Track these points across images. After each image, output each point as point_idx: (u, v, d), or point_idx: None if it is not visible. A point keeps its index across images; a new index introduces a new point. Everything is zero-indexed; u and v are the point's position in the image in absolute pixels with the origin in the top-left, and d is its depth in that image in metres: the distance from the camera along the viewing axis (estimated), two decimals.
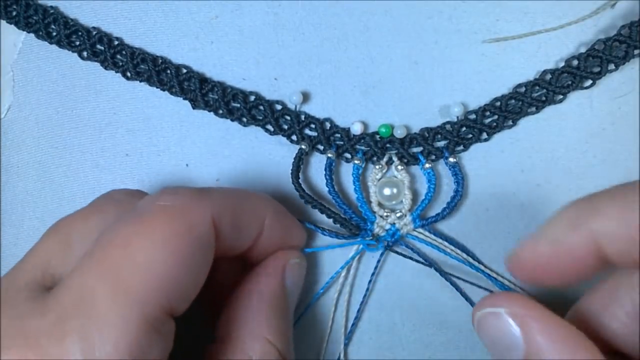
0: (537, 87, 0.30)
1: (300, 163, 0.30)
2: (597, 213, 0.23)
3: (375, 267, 0.31)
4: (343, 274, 0.31)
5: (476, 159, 0.30)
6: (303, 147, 0.30)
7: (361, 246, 0.30)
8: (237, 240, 0.26)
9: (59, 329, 0.20)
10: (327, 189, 0.30)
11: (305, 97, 0.31)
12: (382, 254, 0.31)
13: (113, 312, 0.21)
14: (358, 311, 0.31)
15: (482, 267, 0.30)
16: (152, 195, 0.24)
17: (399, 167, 0.30)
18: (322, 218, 0.31)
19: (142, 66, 0.31)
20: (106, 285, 0.21)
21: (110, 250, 0.22)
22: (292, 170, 0.30)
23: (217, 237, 0.24)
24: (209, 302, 0.27)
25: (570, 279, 0.24)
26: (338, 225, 0.30)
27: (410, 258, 0.30)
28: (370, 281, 0.31)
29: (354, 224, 0.30)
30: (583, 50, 0.29)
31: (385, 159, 0.31)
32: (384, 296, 0.31)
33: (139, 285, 0.21)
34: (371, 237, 0.30)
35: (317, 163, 0.31)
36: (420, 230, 0.30)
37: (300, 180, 0.30)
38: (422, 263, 0.30)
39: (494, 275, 0.30)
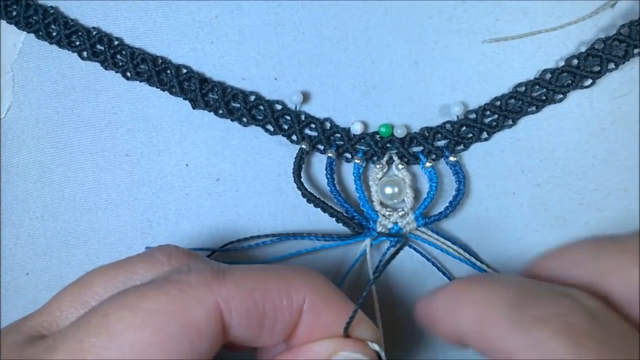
0: (537, 87, 0.30)
1: (301, 162, 0.30)
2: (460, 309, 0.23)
3: (377, 266, 0.31)
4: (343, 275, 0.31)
5: (476, 158, 0.30)
6: (303, 146, 0.30)
7: (367, 242, 0.30)
8: (259, 332, 0.23)
9: None
10: (328, 188, 0.30)
11: (305, 97, 0.31)
12: (384, 253, 0.31)
13: None
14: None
15: (485, 267, 0.30)
16: (176, 268, 0.24)
17: (400, 166, 0.30)
18: (320, 218, 0.31)
19: (142, 66, 0.31)
20: (69, 345, 0.21)
21: (93, 315, 0.22)
22: (293, 169, 0.30)
23: (225, 327, 0.22)
24: None
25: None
26: (340, 227, 0.30)
27: (421, 253, 0.30)
28: (374, 275, 0.31)
29: (357, 222, 0.30)
30: (583, 49, 0.29)
31: (385, 159, 0.31)
32: (384, 295, 0.31)
33: (105, 353, 0.21)
34: (376, 236, 0.30)
35: (318, 163, 0.31)
36: (423, 229, 0.30)
37: (301, 180, 0.30)
38: (430, 260, 0.30)
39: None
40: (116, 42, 0.31)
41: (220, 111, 0.31)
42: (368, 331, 0.25)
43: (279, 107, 0.31)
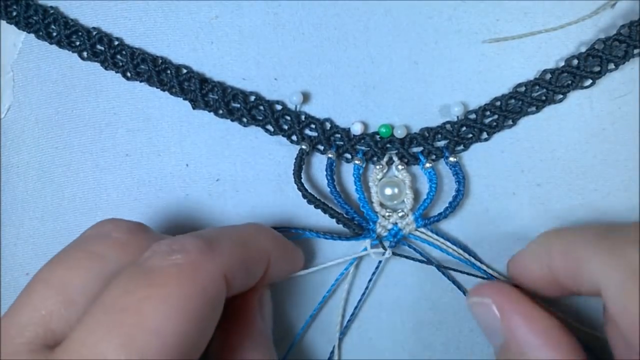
0: (537, 87, 0.30)
1: (302, 163, 0.30)
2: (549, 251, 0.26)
3: (377, 267, 0.31)
4: (341, 274, 0.31)
5: (476, 158, 0.30)
6: (304, 147, 0.30)
7: (367, 243, 0.30)
8: (245, 284, 0.26)
9: None
10: (328, 189, 0.30)
11: (306, 97, 0.31)
12: (383, 254, 0.31)
13: None
14: (355, 308, 0.31)
15: (484, 267, 0.30)
16: (160, 248, 0.23)
17: (400, 167, 0.30)
18: (320, 218, 0.31)
19: (142, 66, 0.31)
20: (120, 352, 0.20)
21: (123, 316, 0.21)
22: (294, 170, 0.30)
23: (227, 288, 0.24)
24: None
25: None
26: (340, 226, 0.30)
27: (412, 259, 0.30)
28: (370, 280, 0.31)
29: (357, 224, 0.30)
30: (583, 49, 0.29)
31: (385, 159, 0.31)
32: (384, 296, 0.31)
33: (153, 352, 0.20)
34: (375, 237, 0.30)
35: (318, 163, 0.31)
36: (423, 230, 0.30)
37: (302, 181, 0.30)
38: (426, 262, 0.30)
39: (496, 275, 0.30)
40: (116, 42, 0.31)
41: (221, 111, 0.31)
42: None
43: (279, 107, 0.31)
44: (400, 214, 0.30)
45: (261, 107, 0.31)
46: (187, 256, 0.23)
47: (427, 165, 0.30)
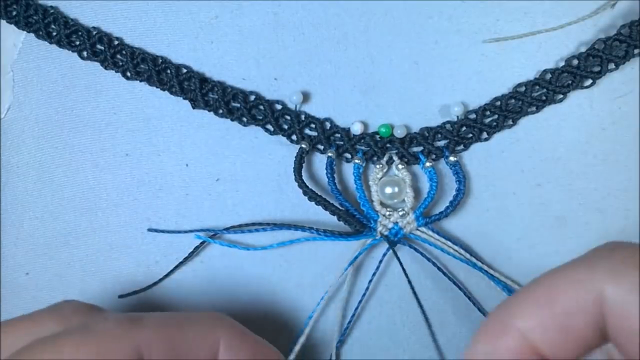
0: (537, 87, 0.30)
1: (302, 162, 0.30)
2: (520, 313, 0.22)
3: (377, 267, 0.31)
4: (341, 273, 0.31)
5: (476, 158, 0.30)
6: (303, 146, 0.30)
7: (368, 241, 0.30)
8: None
9: None
10: (328, 188, 0.30)
11: (305, 97, 0.31)
12: (384, 254, 0.31)
13: None
14: (356, 309, 0.31)
15: (485, 267, 0.30)
16: (97, 314, 0.24)
17: (400, 166, 0.30)
18: (319, 219, 0.31)
19: (142, 66, 0.31)
20: None
21: None
22: (294, 168, 0.30)
23: None
24: None
25: None
26: (342, 224, 0.30)
27: (421, 253, 0.30)
28: (370, 281, 0.31)
29: (358, 220, 0.30)
30: (583, 49, 0.29)
31: (385, 159, 0.31)
32: (384, 296, 0.31)
33: None
34: (376, 236, 0.30)
35: (318, 163, 0.31)
36: (423, 229, 0.30)
37: (302, 178, 0.30)
38: (430, 260, 0.30)
39: (496, 275, 0.30)
40: (116, 42, 0.31)
41: (220, 111, 0.31)
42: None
43: (279, 107, 0.31)
44: (400, 213, 0.30)
45: (261, 107, 0.31)
46: (102, 324, 0.23)
47: (428, 164, 0.30)
